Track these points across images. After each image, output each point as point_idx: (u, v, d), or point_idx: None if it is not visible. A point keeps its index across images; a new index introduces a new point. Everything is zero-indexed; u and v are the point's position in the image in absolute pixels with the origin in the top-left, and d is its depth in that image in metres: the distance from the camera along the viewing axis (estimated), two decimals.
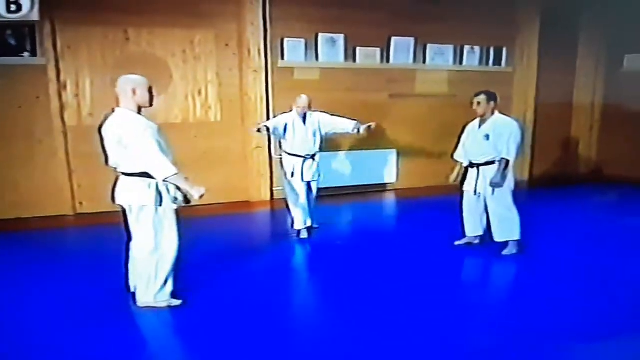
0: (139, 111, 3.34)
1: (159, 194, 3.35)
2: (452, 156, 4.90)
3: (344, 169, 7.20)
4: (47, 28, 5.62)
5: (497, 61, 7.92)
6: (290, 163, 5.17)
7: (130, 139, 3.22)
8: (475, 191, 4.63)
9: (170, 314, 3.51)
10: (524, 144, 4.64)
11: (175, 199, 3.43)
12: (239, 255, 4.69)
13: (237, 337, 3.19)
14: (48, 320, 3.38)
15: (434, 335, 3.21)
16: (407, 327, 3.33)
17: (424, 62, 7.58)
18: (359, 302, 3.71)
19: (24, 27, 5.52)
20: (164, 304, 3.54)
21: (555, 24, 7.88)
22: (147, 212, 3.37)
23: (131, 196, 3.36)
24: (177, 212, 3.49)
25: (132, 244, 3.55)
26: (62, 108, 5.86)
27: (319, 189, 5.43)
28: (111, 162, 3.38)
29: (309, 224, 5.28)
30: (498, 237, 4.66)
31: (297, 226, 5.24)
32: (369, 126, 5.23)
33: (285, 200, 5.34)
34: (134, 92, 3.28)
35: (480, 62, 7.86)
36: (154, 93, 3.43)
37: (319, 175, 5.32)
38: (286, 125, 5.07)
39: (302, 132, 5.11)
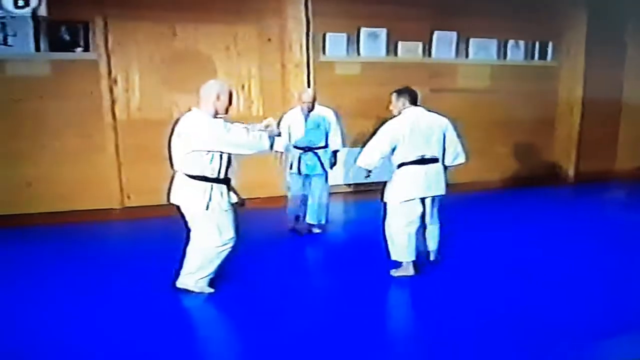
0: (215, 115, 3.46)
1: (217, 197, 3.48)
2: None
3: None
4: (99, 24, 5.78)
5: (543, 55, 7.74)
6: (291, 155, 5.18)
7: (203, 141, 3.37)
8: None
9: (205, 301, 3.67)
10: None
11: (229, 203, 3.56)
12: (269, 249, 4.82)
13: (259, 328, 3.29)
14: (91, 311, 3.51)
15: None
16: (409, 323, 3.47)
17: (467, 56, 7.47)
18: (365, 298, 3.77)
19: (77, 23, 5.70)
20: (197, 290, 3.69)
21: (603, 16, 7.65)
22: (206, 215, 3.50)
23: (190, 200, 3.50)
24: (234, 210, 3.63)
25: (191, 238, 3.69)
26: (112, 102, 6.00)
27: (329, 187, 5.30)
28: (174, 160, 3.51)
29: (301, 219, 5.27)
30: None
31: (289, 221, 5.31)
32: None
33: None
34: (217, 97, 3.44)
35: (525, 57, 7.69)
36: (233, 100, 3.58)
37: (325, 171, 5.18)
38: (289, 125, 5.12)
39: (300, 125, 5.08)
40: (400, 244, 4.01)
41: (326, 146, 5.21)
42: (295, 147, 5.14)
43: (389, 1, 6.83)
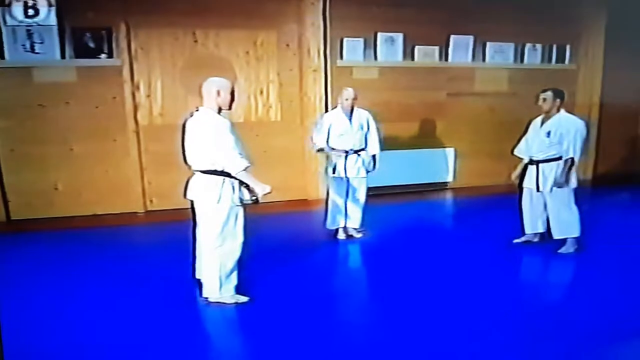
0: (219, 112, 3.48)
1: (227, 192, 3.48)
2: (512, 151, 4.88)
3: (400, 167, 7.19)
4: (123, 30, 5.90)
5: (560, 59, 7.75)
6: (334, 158, 5.00)
7: (207, 135, 3.39)
8: (537, 188, 4.60)
9: (235, 310, 3.63)
10: (587, 142, 4.53)
11: (241, 199, 3.55)
12: (296, 253, 4.78)
13: (298, 335, 3.28)
14: (118, 314, 3.54)
15: (483, 333, 3.25)
16: (456, 323, 3.39)
17: (484, 60, 7.50)
18: (411, 301, 3.76)
19: (101, 30, 5.83)
20: (231, 300, 3.66)
21: (622, 19, 7.61)
22: (214, 209, 3.50)
23: (202, 193, 3.52)
24: (244, 209, 3.62)
25: (198, 238, 3.72)
26: (135, 108, 6.12)
27: (368, 189, 5.18)
28: (188, 159, 3.56)
29: (342, 224, 5.15)
30: (556, 234, 4.66)
31: (328, 225, 5.16)
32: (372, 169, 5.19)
33: (326, 199, 5.26)
34: (217, 93, 3.45)
35: (543, 60, 7.71)
36: (235, 96, 3.56)
37: (367, 173, 5.10)
38: (330, 124, 4.98)
39: (345, 126, 4.95)
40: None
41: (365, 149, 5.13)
42: (338, 149, 5.00)
43: (406, 6, 6.88)
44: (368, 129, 5.09)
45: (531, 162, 4.67)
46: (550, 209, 4.66)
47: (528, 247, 4.90)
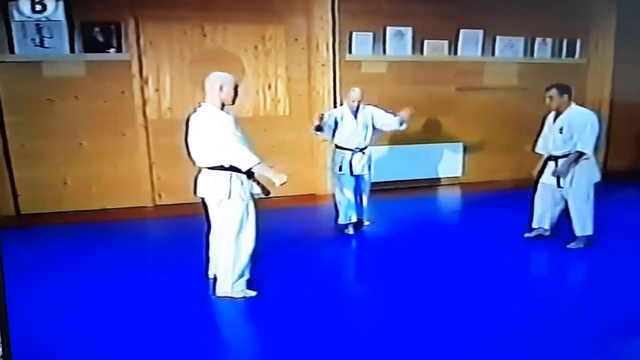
0: (222, 107, 3.47)
1: (236, 187, 3.48)
2: (532, 149, 4.88)
3: (409, 162, 7.18)
4: (132, 24, 5.88)
5: (571, 53, 7.68)
6: (339, 156, 5.12)
7: (212, 133, 3.37)
8: (558, 184, 4.57)
9: (245, 304, 3.65)
10: (600, 136, 4.48)
11: (251, 193, 3.56)
12: (305, 247, 4.79)
13: (306, 328, 3.30)
14: (127, 308, 3.56)
15: (491, 326, 3.27)
16: (465, 315, 3.41)
17: (493, 54, 7.44)
18: (421, 295, 3.78)
19: (110, 24, 5.82)
20: (239, 295, 3.67)
21: (633, 12, 7.54)
22: (227, 205, 3.50)
23: (212, 189, 3.51)
24: (254, 204, 3.63)
25: (212, 235, 3.73)
26: (144, 102, 6.11)
27: (372, 184, 5.35)
28: (192, 156, 3.54)
29: (354, 219, 5.21)
30: (578, 231, 4.65)
31: (340, 220, 5.22)
32: (405, 117, 5.12)
33: (333, 194, 5.36)
34: (220, 88, 3.43)
35: (553, 54, 7.65)
36: (238, 92, 3.55)
37: (370, 170, 5.24)
38: (336, 118, 5.05)
39: (351, 125, 5.06)
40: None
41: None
42: (343, 147, 5.12)
43: (415, 0, 6.84)
44: (373, 127, 5.16)
45: (550, 158, 4.65)
46: (570, 205, 4.64)
47: (538, 241, 4.89)
